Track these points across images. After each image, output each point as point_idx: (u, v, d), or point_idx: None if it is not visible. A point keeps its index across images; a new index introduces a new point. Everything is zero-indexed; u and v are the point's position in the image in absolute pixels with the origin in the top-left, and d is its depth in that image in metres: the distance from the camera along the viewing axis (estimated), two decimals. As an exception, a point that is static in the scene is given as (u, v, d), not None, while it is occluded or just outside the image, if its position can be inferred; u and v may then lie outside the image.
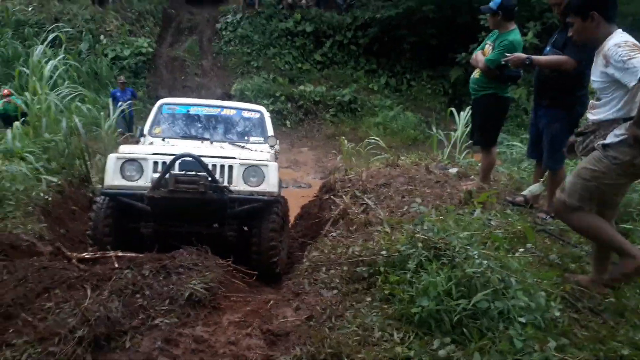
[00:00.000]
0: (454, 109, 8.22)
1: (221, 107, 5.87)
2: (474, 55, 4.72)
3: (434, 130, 8.34)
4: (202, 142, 5.22)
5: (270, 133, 5.60)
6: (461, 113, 7.61)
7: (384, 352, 2.24)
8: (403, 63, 18.02)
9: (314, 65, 17.97)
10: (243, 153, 4.80)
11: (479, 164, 5.23)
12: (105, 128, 7.35)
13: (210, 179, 4.09)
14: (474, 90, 4.67)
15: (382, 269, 2.89)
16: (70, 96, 8.12)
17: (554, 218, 3.83)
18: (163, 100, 5.95)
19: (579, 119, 3.88)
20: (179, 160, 4.13)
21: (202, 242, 3.66)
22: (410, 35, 17.05)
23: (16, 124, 6.61)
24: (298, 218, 6.71)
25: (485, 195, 3.73)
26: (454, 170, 5.53)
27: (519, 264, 2.66)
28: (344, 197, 5.04)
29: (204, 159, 4.15)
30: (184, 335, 2.54)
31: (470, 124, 5.62)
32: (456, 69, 15.87)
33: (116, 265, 3.25)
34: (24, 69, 8.60)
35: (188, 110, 5.75)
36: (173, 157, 4.12)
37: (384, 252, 3.00)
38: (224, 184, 4.22)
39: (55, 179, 5.66)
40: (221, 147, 5.06)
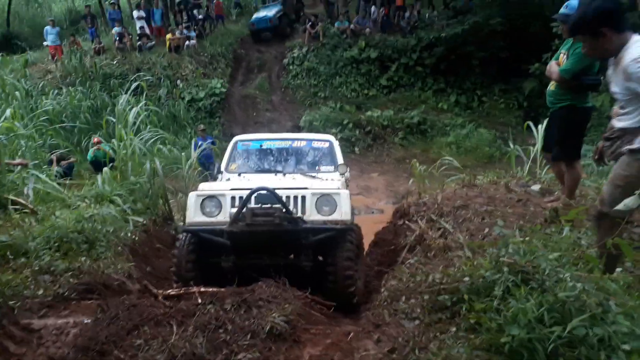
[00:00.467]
0: (530, 123, 7.83)
1: (292, 140, 6.01)
2: (549, 66, 4.50)
3: (511, 146, 7.97)
4: (276, 175, 5.34)
5: (340, 161, 5.63)
6: (539, 126, 7.23)
7: (473, 386, 2.11)
8: (473, 79, 17.60)
9: (380, 90, 18.00)
10: (315, 183, 4.84)
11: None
12: (186, 168, 7.72)
13: (285, 210, 4.15)
14: (551, 102, 4.45)
15: (466, 296, 2.74)
16: (152, 139, 8.64)
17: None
18: (237, 138, 6.19)
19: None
20: (254, 194, 4.23)
21: (280, 274, 3.69)
22: (478, 51, 16.67)
23: (105, 170, 7.10)
24: (373, 245, 6.61)
25: (574, 212, 3.47)
26: (537, 187, 5.24)
27: (617, 286, 2.44)
28: (419, 222, 4.92)
29: (277, 191, 4.23)
30: (267, 370, 2.54)
31: (544, 137, 5.32)
32: (530, 81, 15.21)
33: (199, 300, 3.33)
34: (111, 117, 9.28)
35: (261, 145, 5.93)
36: (249, 192, 4.23)
37: (466, 279, 2.85)
38: (298, 214, 4.26)
39: (140, 219, 5.99)
40: (293, 179, 5.14)
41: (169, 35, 18.29)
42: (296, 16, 22.23)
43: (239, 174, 5.51)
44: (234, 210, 4.26)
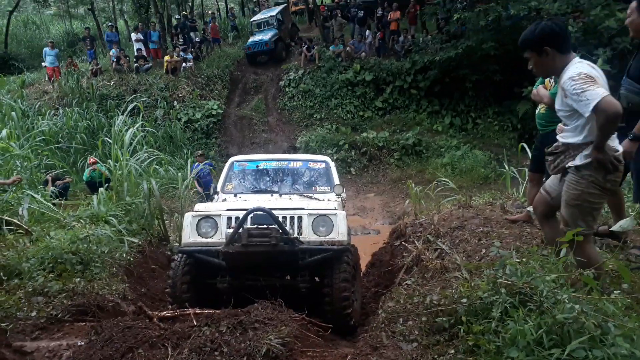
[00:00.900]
0: (525, 144, 7.90)
1: (288, 161, 6.02)
2: (535, 91, 4.55)
3: (506, 167, 8.02)
4: (272, 195, 5.34)
5: (336, 182, 5.64)
6: (533, 148, 7.30)
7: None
8: (467, 102, 17.76)
9: (375, 112, 18.15)
10: (311, 203, 4.84)
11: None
12: (182, 188, 7.71)
13: (281, 230, 4.14)
14: (542, 125, 4.49)
15: (464, 318, 2.73)
16: (148, 160, 8.64)
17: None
18: (234, 158, 6.20)
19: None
20: (251, 215, 4.23)
21: (276, 295, 3.66)
22: (472, 74, 16.86)
23: (101, 190, 7.09)
24: (369, 266, 6.58)
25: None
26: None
27: (616, 307, 2.43)
28: (416, 243, 4.91)
29: (274, 212, 4.22)
30: (263, 393, 2.50)
31: (533, 158, 5.34)
32: (523, 103, 15.38)
33: (195, 322, 3.30)
34: (107, 138, 9.30)
35: (257, 166, 5.94)
36: (245, 212, 4.22)
37: (464, 300, 2.84)
38: (294, 235, 4.25)
39: (136, 240, 5.96)
40: (290, 199, 5.14)
41: (166, 57, 18.45)
42: (291, 40, 22.55)
43: (235, 195, 5.50)
44: (230, 230, 4.24)
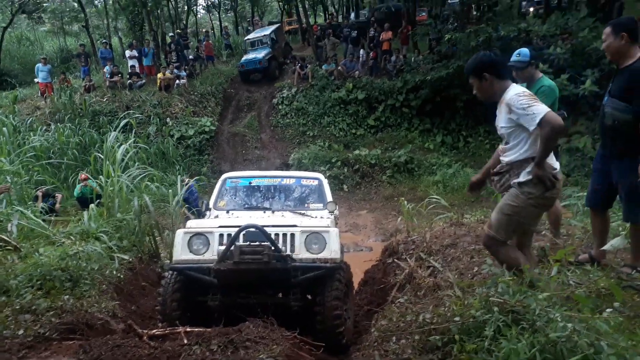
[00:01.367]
0: (515, 163, 7.97)
1: (281, 177, 6.02)
2: None
3: (497, 185, 8.08)
4: (264, 212, 5.32)
5: (329, 199, 5.64)
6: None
7: None
8: (458, 120, 17.93)
9: (367, 130, 18.26)
10: (304, 220, 4.83)
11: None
12: (173, 205, 7.67)
13: (273, 248, 4.12)
14: None
15: (457, 336, 2.71)
16: (140, 176, 8.60)
17: (640, 272, 3.52)
18: (226, 175, 6.19)
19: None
20: (243, 232, 4.20)
21: (268, 313, 3.63)
22: (463, 93, 17.03)
23: (92, 206, 7.03)
24: (362, 284, 6.55)
25: (562, 252, 3.50)
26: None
27: (608, 326, 2.43)
28: (408, 260, 4.91)
29: (266, 229, 4.20)
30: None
31: None
32: (513, 123, 15.59)
33: (185, 340, 3.25)
34: (99, 154, 9.26)
35: (250, 183, 5.93)
36: (237, 229, 4.20)
37: (457, 319, 2.83)
38: (287, 252, 4.23)
39: (126, 257, 5.90)
40: (282, 216, 5.12)
41: (159, 74, 18.52)
42: (285, 59, 22.75)
43: (228, 211, 5.48)
44: (222, 247, 4.21)
